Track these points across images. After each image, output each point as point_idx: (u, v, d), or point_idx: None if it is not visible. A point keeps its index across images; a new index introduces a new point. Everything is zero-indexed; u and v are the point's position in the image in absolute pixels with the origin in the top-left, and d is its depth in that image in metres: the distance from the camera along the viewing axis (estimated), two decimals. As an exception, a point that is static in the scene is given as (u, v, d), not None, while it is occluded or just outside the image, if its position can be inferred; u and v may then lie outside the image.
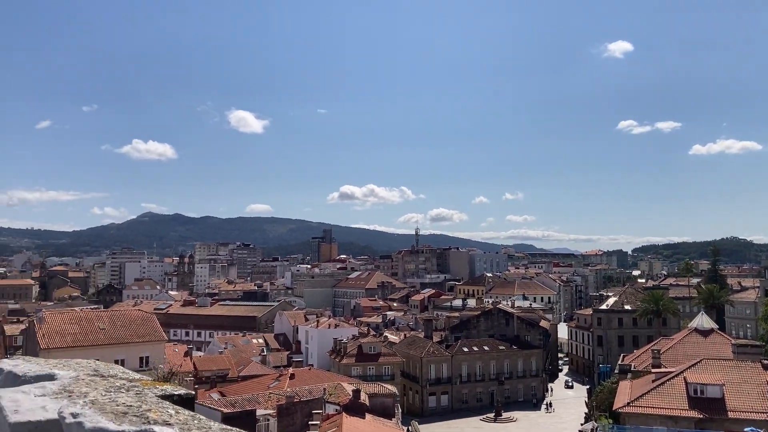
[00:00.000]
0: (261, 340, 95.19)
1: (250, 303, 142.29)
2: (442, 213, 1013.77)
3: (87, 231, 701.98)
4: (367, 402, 45.66)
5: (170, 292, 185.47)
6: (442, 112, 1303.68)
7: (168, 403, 3.66)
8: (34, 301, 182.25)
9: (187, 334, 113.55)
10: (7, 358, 6.43)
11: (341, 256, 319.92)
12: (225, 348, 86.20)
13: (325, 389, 48.80)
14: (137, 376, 5.16)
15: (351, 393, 46.30)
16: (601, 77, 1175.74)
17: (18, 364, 5.93)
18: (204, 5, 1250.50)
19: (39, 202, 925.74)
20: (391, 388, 56.54)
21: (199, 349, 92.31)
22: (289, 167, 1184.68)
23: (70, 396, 4.03)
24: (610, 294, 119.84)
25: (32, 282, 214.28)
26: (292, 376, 55.51)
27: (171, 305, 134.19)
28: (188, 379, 53.06)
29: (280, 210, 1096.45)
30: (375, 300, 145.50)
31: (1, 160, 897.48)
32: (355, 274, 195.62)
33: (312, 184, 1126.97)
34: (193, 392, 4.34)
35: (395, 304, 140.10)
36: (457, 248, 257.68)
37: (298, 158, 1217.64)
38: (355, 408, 42.85)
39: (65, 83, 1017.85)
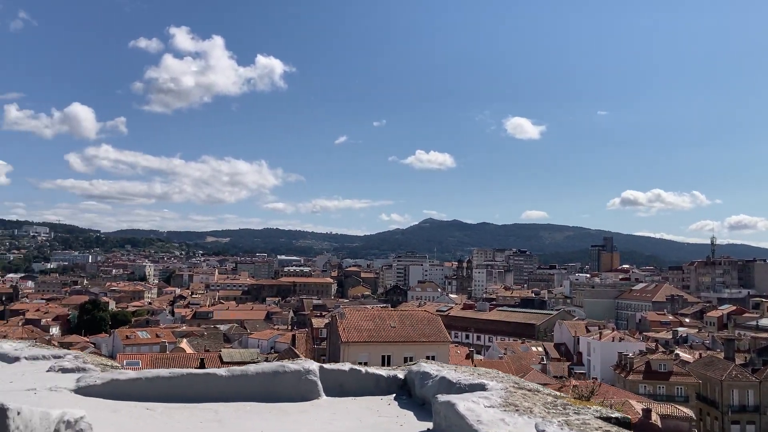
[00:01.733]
0: (540, 349, 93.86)
1: (529, 310, 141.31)
2: (743, 220, 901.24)
3: (376, 235, 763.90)
4: (658, 423, 42.23)
5: (450, 295, 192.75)
6: (740, 105, 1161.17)
7: (616, 428, 3.44)
8: (333, 297, 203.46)
9: (467, 336, 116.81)
10: (422, 362, 6.93)
11: (623, 265, 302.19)
12: (504, 353, 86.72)
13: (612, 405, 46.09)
14: (555, 392, 5.13)
15: (640, 411, 43.20)
16: None
17: (441, 370, 6.33)
18: (459, 21, 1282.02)
19: (337, 210, 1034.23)
20: (687, 410, 51.55)
21: (478, 353, 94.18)
22: (566, 173, 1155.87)
23: (516, 410, 4.07)
24: None
25: (331, 281, 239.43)
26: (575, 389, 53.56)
27: (451, 308, 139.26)
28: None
29: (556, 216, 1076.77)
30: (663, 314, 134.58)
31: (310, 174, 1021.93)
32: (640, 286, 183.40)
33: (590, 190, 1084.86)
34: (629, 416, 4.05)
35: (687, 320, 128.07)
36: (764, 260, 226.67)
37: (575, 163, 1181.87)
38: (645, 428, 39.86)
39: (359, 101, 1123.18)
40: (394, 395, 6.83)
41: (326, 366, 7.01)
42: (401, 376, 7.03)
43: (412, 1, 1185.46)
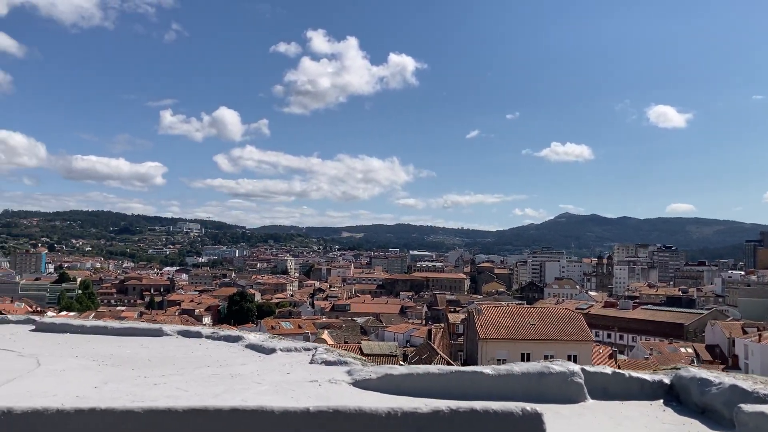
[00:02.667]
0: (690, 350, 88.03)
1: (676, 309, 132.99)
2: None
3: (509, 231, 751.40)
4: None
5: (590, 292, 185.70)
6: None
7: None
8: (466, 293, 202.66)
9: (608, 336, 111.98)
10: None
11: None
12: (650, 354, 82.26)
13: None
14: None
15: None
16: None
17: (721, 376, 6.34)
18: (620, 5, 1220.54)
19: (468, 205, 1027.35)
20: None
21: (621, 353, 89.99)
22: (716, 163, 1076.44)
23: None
24: None
25: (464, 276, 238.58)
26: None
27: (592, 306, 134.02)
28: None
29: (704, 210, 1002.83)
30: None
31: (441, 169, 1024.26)
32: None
33: (744, 181, 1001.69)
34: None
35: None
36: None
37: (726, 152, 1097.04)
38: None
39: (491, 94, 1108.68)
40: (662, 401, 6.73)
41: (588, 368, 6.99)
42: (667, 381, 6.95)
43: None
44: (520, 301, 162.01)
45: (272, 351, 8.14)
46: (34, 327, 10.39)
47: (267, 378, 6.58)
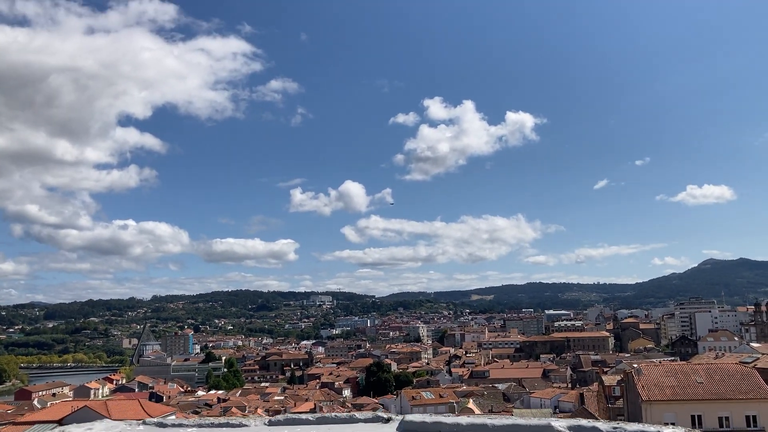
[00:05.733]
0: None
1: None
2: None
3: (649, 282, 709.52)
4: None
5: (751, 344, 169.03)
6: None
7: None
8: (611, 352, 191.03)
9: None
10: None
11: None
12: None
13: None
14: None
15: None
16: None
17: None
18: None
19: (603, 258, 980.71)
20: None
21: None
22: None
23: None
24: None
25: (607, 334, 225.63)
26: None
27: (758, 359, 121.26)
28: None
29: None
30: None
31: (570, 223, 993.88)
32: None
33: None
34: None
35: None
36: None
37: None
38: None
39: (617, 141, 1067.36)
40: None
41: None
42: None
43: (658, 30, 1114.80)
44: (672, 358, 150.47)
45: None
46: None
47: None
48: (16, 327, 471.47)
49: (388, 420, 6.67)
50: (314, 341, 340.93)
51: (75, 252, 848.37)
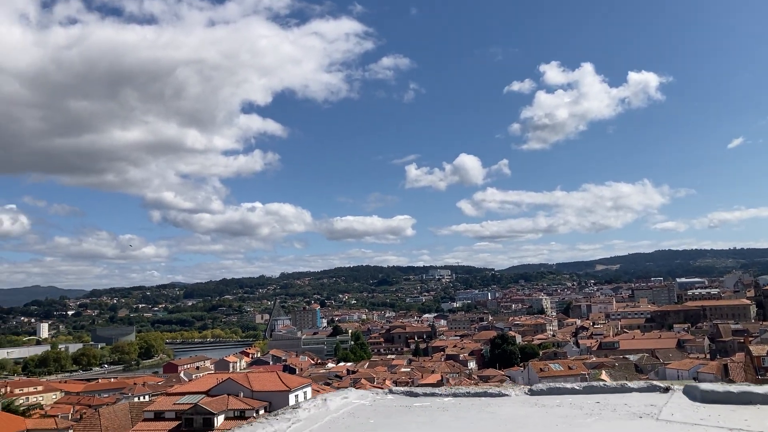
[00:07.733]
0: None
1: None
2: None
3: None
4: None
5: None
6: None
7: None
8: (753, 321, 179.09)
9: None
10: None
11: None
12: None
13: None
14: None
15: None
16: None
17: None
18: None
19: (739, 221, 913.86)
20: None
21: None
22: None
23: None
24: None
25: (748, 302, 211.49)
26: None
27: None
28: None
29: None
30: None
31: (702, 185, 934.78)
32: None
33: None
34: None
35: None
36: None
37: None
38: None
39: (751, 96, 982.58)
40: None
41: None
42: None
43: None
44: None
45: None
46: None
47: None
48: (160, 306, 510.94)
49: (666, 390, 6.60)
50: (435, 314, 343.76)
51: (209, 234, 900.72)
